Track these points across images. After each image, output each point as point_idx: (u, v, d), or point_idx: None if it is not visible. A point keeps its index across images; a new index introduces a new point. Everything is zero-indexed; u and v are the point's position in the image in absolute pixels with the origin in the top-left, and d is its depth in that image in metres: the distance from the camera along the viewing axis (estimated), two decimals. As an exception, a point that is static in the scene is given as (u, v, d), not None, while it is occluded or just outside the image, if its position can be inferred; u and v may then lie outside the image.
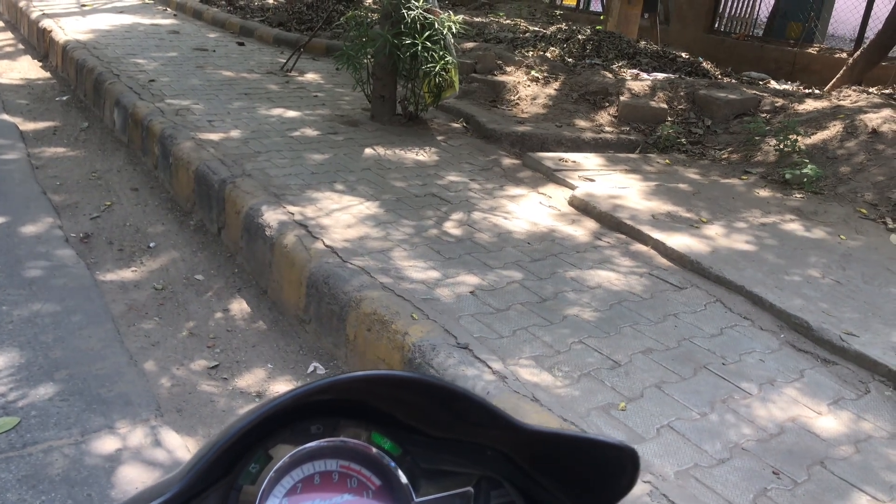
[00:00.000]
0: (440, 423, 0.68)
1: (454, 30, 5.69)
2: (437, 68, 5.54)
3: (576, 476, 0.67)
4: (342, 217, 3.98)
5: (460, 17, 5.79)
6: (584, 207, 4.44)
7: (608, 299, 3.35)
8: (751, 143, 5.79)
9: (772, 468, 2.32)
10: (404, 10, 5.52)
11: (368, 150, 5.25)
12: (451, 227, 4.03)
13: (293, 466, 0.66)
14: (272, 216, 3.87)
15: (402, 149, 5.36)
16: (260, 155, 4.84)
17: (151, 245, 4.27)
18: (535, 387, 2.64)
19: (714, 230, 4.17)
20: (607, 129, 6.28)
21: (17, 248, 3.94)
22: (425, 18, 5.56)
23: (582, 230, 4.17)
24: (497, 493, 0.70)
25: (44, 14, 9.60)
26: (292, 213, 3.93)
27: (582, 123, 6.32)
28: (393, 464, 0.67)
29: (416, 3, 5.56)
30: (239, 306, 3.73)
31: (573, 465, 0.66)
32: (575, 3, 18.19)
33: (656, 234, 3.99)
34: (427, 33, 5.52)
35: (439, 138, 5.81)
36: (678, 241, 3.92)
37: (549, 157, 5.32)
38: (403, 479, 0.67)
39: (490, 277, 3.45)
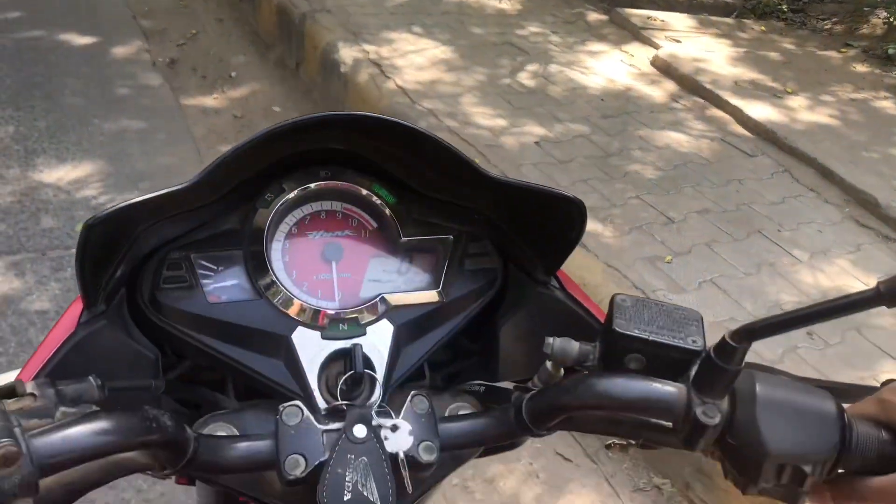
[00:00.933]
0: (435, 183, 0.78)
1: None
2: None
3: (538, 229, 0.75)
4: (416, 59, 3.99)
5: None
6: (665, 68, 4.32)
7: (674, 160, 3.33)
8: (858, 13, 5.41)
9: (807, 329, 2.37)
10: None
11: (451, -5, 5.15)
12: (524, 77, 4.00)
13: (303, 201, 0.77)
14: (348, 53, 3.91)
15: (485, -4, 5.24)
16: (342, -8, 4.82)
17: (233, 75, 4.40)
18: (585, 234, 2.71)
19: (798, 102, 4.02)
20: (705, -11, 5.94)
21: (107, 68, 4.12)
22: None
23: (660, 91, 4.08)
24: (475, 245, 0.80)
25: None
26: (367, 52, 3.96)
27: (678, -18, 5.99)
28: (388, 210, 0.78)
29: None
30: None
31: (536, 218, 0.74)
32: None
33: (735, 101, 3.88)
34: None
35: (526, -12, 5.62)
36: (757, 109, 3.81)
37: (638, 13, 5.11)
38: (395, 223, 0.77)
39: (557, 129, 3.45)
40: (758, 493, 0.59)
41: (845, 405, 0.63)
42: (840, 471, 0.58)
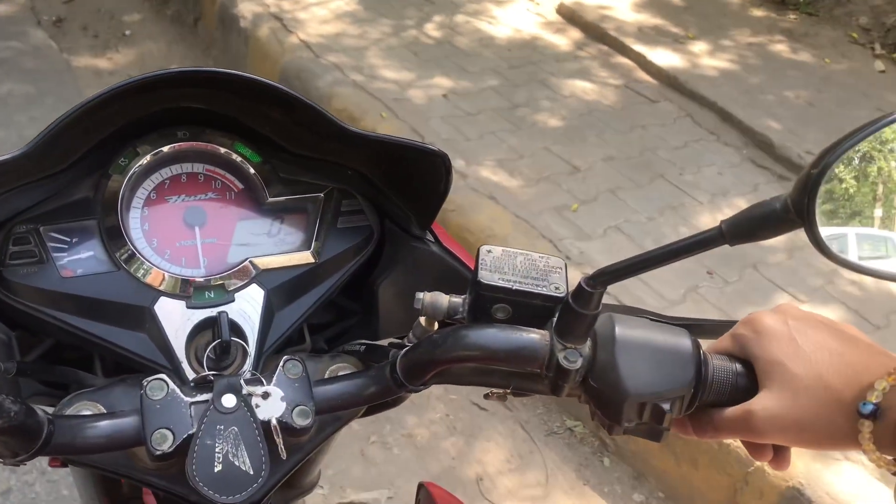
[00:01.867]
0: (301, 140, 0.75)
1: None
2: None
3: (410, 185, 0.74)
4: (319, 12, 3.89)
5: None
6: (570, 16, 4.33)
7: (579, 109, 3.36)
8: (755, -42, 5.53)
9: (707, 269, 2.46)
10: None
11: (354, -55, 5.01)
12: (431, 28, 3.95)
13: (161, 165, 0.73)
14: (247, 7, 3.78)
15: (389, -55, 5.11)
16: (239, -57, 4.63)
17: (127, 33, 4.19)
18: (494, 186, 2.73)
19: (699, 47, 4.10)
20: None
21: (-12, 29, 3.87)
22: None
23: (566, 39, 4.09)
24: (348, 203, 0.79)
25: None
26: (268, 5, 3.83)
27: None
28: (252, 169, 0.75)
29: None
30: (214, 99, 3.73)
31: (405, 173, 0.73)
32: None
33: (639, 47, 3.93)
34: None
35: (431, -63, 5.52)
36: (660, 55, 3.87)
37: (541, -38, 5.09)
38: (261, 182, 0.75)
39: (464, 82, 3.44)
40: (623, 433, 0.61)
41: (706, 342, 0.66)
42: (698, 405, 0.60)
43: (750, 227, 0.52)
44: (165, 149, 0.73)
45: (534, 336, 0.59)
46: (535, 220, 2.56)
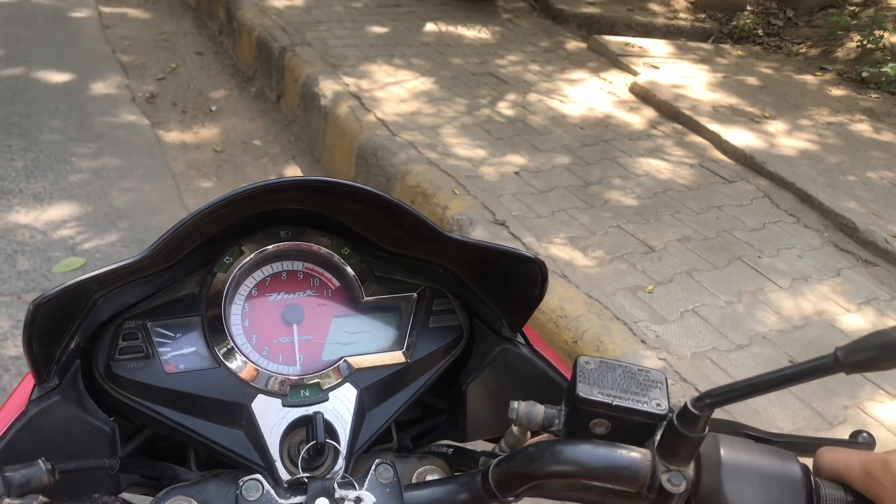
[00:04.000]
0: (396, 239, 0.76)
1: None
2: (507, -58, 5.35)
3: (503, 288, 0.75)
4: (396, 91, 4.01)
5: None
6: (644, 95, 4.35)
7: (654, 188, 3.34)
8: (833, 37, 5.49)
9: (789, 357, 2.36)
10: None
11: (430, 26, 5.19)
12: (504, 107, 4.02)
13: (264, 263, 0.76)
14: (328, 86, 3.92)
15: (464, 25, 5.27)
16: (321, 24, 4.84)
17: (213, 109, 4.39)
18: (565, 264, 2.71)
19: (775, 126, 4.05)
20: (682, 15, 6.02)
21: (86, 104, 4.11)
22: None
23: (639, 118, 4.11)
24: (440, 302, 0.79)
25: None
26: (347, 85, 3.97)
27: (656, 8, 6.07)
28: (350, 269, 0.77)
29: None
30: (292, 171, 3.85)
31: (499, 276, 0.74)
32: None
33: (714, 126, 3.90)
34: None
35: (505, 16, 5.68)
36: (735, 134, 3.84)
37: (615, 41, 5.16)
38: (357, 281, 0.77)
39: (537, 159, 3.46)
40: None
41: (824, 456, 0.62)
42: None
43: (869, 357, 0.49)
44: (269, 248, 0.76)
45: (635, 455, 0.57)
46: (609, 301, 2.52)
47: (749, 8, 6.15)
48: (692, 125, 4.01)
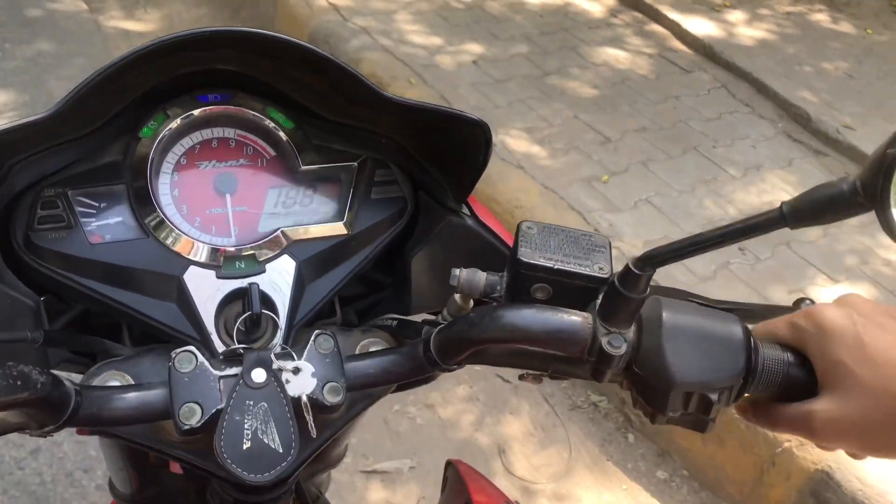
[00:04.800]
0: (335, 106, 0.71)
1: None
2: None
3: (447, 156, 0.71)
4: (349, -25, 3.83)
5: None
6: (603, -18, 4.23)
7: (612, 78, 3.30)
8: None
9: (739, 247, 2.41)
10: None
11: None
12: (461, -7, 3.88)
13: (191, 129, 0.71)
14: (276, -31, 3.73)
15: None
16: None
17: (155, -6, 4.16)
18: (522, 156, 2.69)
19: (735, 16, 3.99)
20: None
21: (17, -12, 3.86)
22: None
23: (599, 6, 4.00)
24: (382, 172, 0.75)
25: None
26: (297, -32, 3.77)
27: None
28: (285, 136, 0.72)
29: None
30: (242, 62, 3.70)
31: (442, 142, 0.70)
32: None
33: (673, 15, 3.83)
34: None
35: None
36: (695, 23, 3.77)
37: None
38: (294, 150, 0.72)
39: (495, 48, 3.37)
40: (666, 423, 0.59)
41: (756, 326, 0.62)
42: (746, 395, 0.58)
43: (813, 210, 0.48)
44: (196, 112, 0.70)
45: (576, 319, 0.56)
46: (565, 192, 2.52)
47: None
48: (652, 14, 3.92)
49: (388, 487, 1.93)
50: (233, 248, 0.68)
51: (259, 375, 0.59)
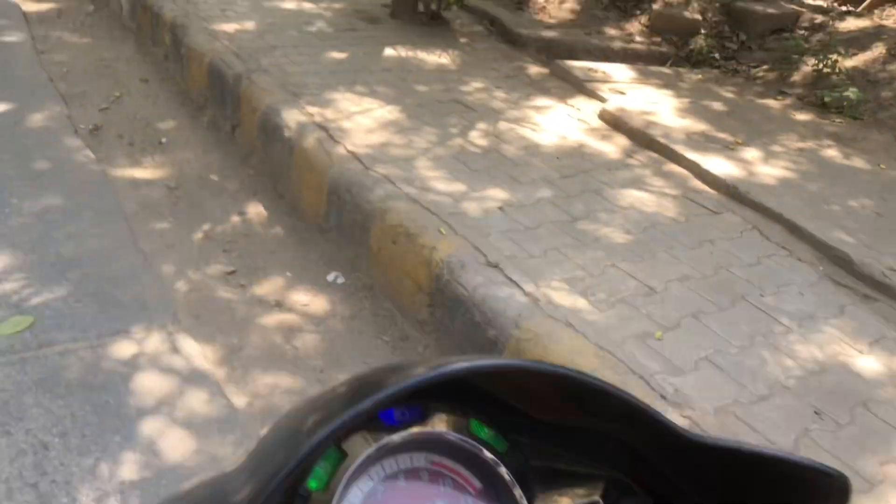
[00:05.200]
0: (552, 406, 0.53)
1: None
2: (465, -35, 5.23)
3: (739, 491, 0.52)
4: (363, 121, 3.80)
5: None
6: (614, 122, 4.25)
7: (641, 221, 3.22)
8: (788, 61, 5.53)
9: (813, 408, 2.24)
10: None
11: (389, 51, 5.00)
12: (476, 136, 3.86)
13: (371, 463, 0.51)
14: (291, 116, 3.69)
15: (424, 50, 5.11)
16: (276, 49, 4.60)
17: (163, 141, 4.10)
18: (568, 311, 2.54)
19: (750, 154, 4.00)
20: (638, 38, 5.99)
21: (24, 138, 3.77)
22: None
23: (613, 146, 4.00)
24: (628, 502, 0.55)
25: None
26: (312, 115, 3.74)
27: (612, 32, 6.03)
28: (499, 463, 0.53)
29: None
30: (255, 210, 3.59)
31: (738, 477, 0.51)
32: None
33: (691, 155, 3.82)
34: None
35: (462, 41, 5.53)
36: (713, 163, 3.76)
37: (578, 66, 5.07)
38: (516, 487, 0.52)
39: (518, 193, 3.30)
40: None
41: None
42: None
43: None
44: (387, 441, 0.51)
45: None
46: (620, 351, 2.36)
47: (703, 31, 6.17)
48: (668, 153, 3.92)
49: None
50: None
51: None
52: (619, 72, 5.15)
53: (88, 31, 5.53)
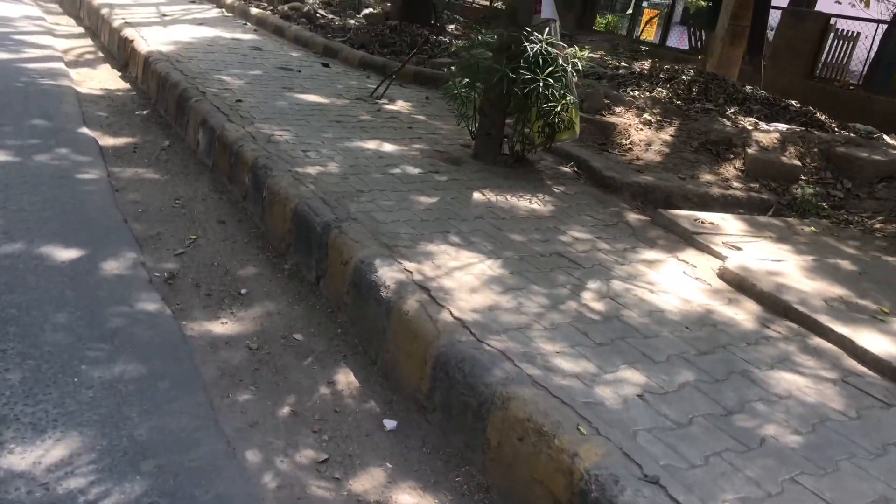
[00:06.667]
0: None
1: (579, 66, 5.13)
2: (558, 108, 5.00)
3: None
4: (464, 278, 3.42)
5: (586, 53, 5.23)
6: (739, 284, 3.81)
7: (807, 416, 2.72)
8: (905, 212, 5.10)
9: None
10: (526, 44, 4.98)
11: (477, 195, 4.71)
12: (590, 299, 3.44)
13: None
14: (387, 274, 3.32)
15: (512, 194, 4.80)
16: (363, 194, 4.32)
17: (243, 292, 3.76)
18: (755, 549, 2.03)
19: (902, 325, 3.51)
20: (735, 184, 5.64)
21: (97, 289, 3.45)
22: (548, 53, 5.01)
23: (743, 314, 3.54)
24: None
25: (125, 23, 9.32)
26: (409, 272, 3.38)
27: (707, 177, 5.70)
28: None
29: (539, 37, 5.02)
30: (345, 378, 3.18)
31: None
32: (655, 39, 17.64)
33: (839, 328, 3.35)
34: (549, 69, 4.97)
35: (549, 183, 5.24)
36: (867, 339, 3.28)
37: (683, 215, 4.71)
38: None
39: (656, 375, 2.84)
40: None
41: None
42: None
43: None
44: None
45: None
46: None
47: (803, 177, 5.81)
48: (810, 324, 3.45)
49: None
50: None
51: None
52: (727, 223, 4.77)
53: (164, 167, 5.37)
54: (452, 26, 12.05)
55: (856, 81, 12.38)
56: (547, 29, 5.13)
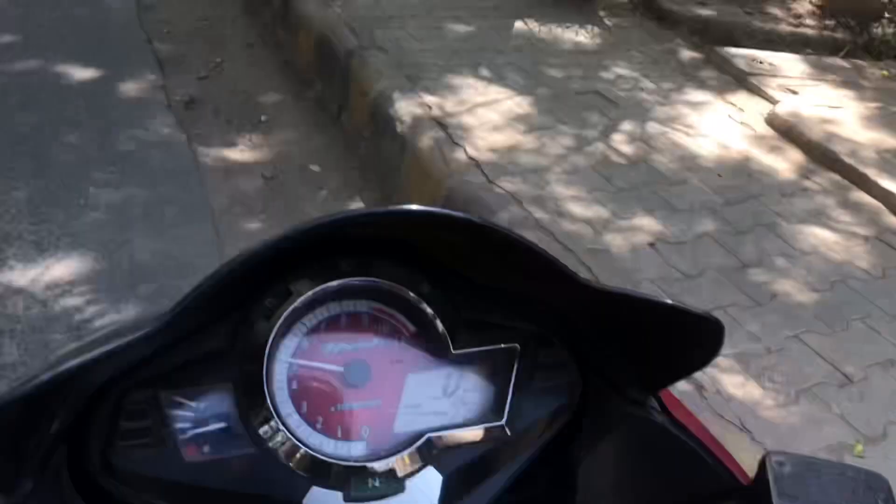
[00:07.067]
0: (488, 269, 0.60)
1: None
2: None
3: (642, 342, 0.60)
4: (488, 115, 3.25)
5: None
6: (787, 131, 3.54)
7: (827, 274, 2.57)
8: None
9: None
10: None
11: (519, 24, 4.40)
12: (620, 141, 3.25)
13: (317, 304, 0.59)
14: (406, 108, 3.18)
15: (559, 25, 4.47)
16: (393, 20, 4.08)
17: (263, 119, 3.68)
18: (740, 406, 1.97)
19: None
20: (808, 21, 5.14)
21: (113, 111, 3.42)
22: None
23: (785, 163, 3.31)
24: (547, 353, 0.64)
25: None
26: (429, 107, 3.22)
27: (777, 12, 5.20)
28: (431, 310, 0.60)
29: None
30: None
31: (640, 330, 0.59)
32: None
33: (885, 182, 3.11)
34: None
35: (602, 14, 4.85)
36: (915, 195, 3.03)
37: (740, 54, 4.33)
38: (441, 327, 0.60)
39: (673, 223, 2.70)
40: None
41: None
42: None
43: None
44: (329, 285, 0.57)
45: None
46: (815, 480, 1.77)
47: (887, 15, 5.25)
48: (855, 177, 3.20)
49: None
50: (364, 461, 0.56)
51: None
52: (789, 63, 4.38)
53: (197, -15, 5.16)
54: None
55: None
56: None
